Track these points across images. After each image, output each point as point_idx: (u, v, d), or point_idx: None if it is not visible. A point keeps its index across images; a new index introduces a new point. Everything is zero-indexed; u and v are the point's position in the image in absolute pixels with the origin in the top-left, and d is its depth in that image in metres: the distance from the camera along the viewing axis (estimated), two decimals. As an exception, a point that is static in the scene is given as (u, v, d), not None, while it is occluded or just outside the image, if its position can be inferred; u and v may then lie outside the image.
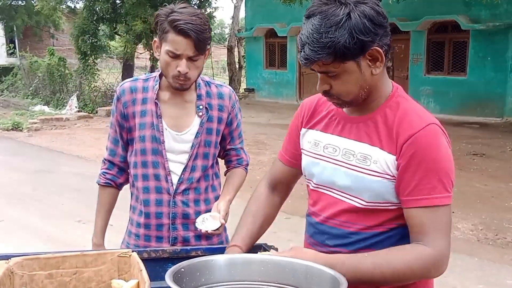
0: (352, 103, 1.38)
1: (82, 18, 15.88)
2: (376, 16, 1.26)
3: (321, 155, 1.49)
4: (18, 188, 6.94)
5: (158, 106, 1.94)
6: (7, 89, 19.66)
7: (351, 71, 1.29)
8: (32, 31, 24.87)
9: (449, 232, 1.30)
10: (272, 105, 16.53)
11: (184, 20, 1.76)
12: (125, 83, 2.02)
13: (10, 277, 1.51)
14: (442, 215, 1.28)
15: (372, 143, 1.37)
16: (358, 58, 1.27)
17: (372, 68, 1.31)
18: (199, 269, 1.22)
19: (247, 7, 18.79)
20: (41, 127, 12.47)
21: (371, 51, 1.27)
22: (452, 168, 1.30)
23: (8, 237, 5.10)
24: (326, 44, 1.23)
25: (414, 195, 1.29)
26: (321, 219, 1.50)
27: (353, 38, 1.23)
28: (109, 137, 2.08)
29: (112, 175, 2.07)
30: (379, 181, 1.35)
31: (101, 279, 1.61)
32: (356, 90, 1.33)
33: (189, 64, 1.82)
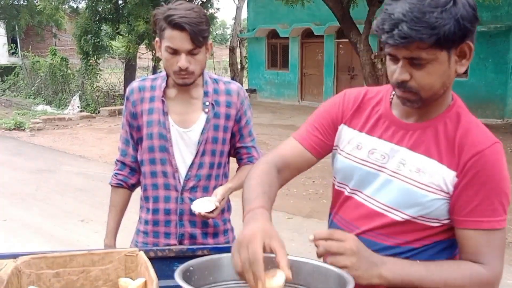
0: (426, 101, 1.24)
1: (84, 18, 15.89)
2: (475, 9, 1.15)
3: (365, 161, 1.36)
4: (20, 187, 6.96)
5: (164, 104, 1.96)
6: (9, 88, 19.69)
7: (441, 61, 1.16)
8: (34, 30, 24.88)
9: (503, 255, 1.25)
10: (273, 105, 16.55)
11: (178, 14, 1.78)
12: (134, 83, 2.05)
13: (18, 275, 1.52)
14: (499, 238, 1.23)
15: (430, 155, 1.27)
16: (452, 49, 1.16)
17: (457, 65, 1.20)
18: (207, 267, 1.23)
19: (249, 8, 18.80)
20: (44, 127, 12.49)
21: (463, 45, 1.17)
22: (511, 189, 1.23)
23: (11, 236, 5.11)
24: (431, 24, 1.10)
25: (474, 217, 1.22)
26: (353, 230, 1.38)
27: (459, 24, 1.11)
28: (121, 137, 2.09)
29: (123, 176, 2.09)
30: (431, 196, 1.25)
31: (108, 278, 1.62)
32: (439, 86, 1.21)
33: (190, 59, 1.83)
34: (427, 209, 1.27)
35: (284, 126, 12.48)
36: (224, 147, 2.02)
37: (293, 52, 17.32)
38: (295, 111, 15.21)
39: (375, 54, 12.14)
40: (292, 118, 13.97)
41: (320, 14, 15.02)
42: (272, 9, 16.70)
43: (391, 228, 1.32)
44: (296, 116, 14.30)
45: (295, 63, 17.33)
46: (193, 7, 1.83)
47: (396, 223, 1.31)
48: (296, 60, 17.27)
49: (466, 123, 1.27)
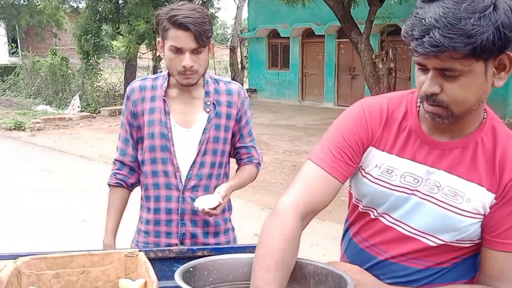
0: (457, 117, 1.13)
1: (85, 18, 15.90)
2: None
3: (397, 186, 1.25)
4: (21, 187, 6.95)
5: (166, 103, 1.96)
6: (9, 88, 19.69)
7: (476, 74, 1.05)
8: (34, 30, 24.89)
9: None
10: (274, 105, 16.55)
11: (182, 14, 1.80)
12: (135, 82, 2.05)
13: (18, 276, 1.52)
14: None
15: (469, 178, 1.18)
16: (490, 60, 1.05)
17: (495, 78, 1.08)
18: (207, 268, 1.23)
19: (249, 7, 18.80)
20: (44, 127, 12.49)
21: (503, 56, 1.05)
22: None
23: (12, 236, 5.11)
24: (467, 31, 0.98)
25: (505, 238, 1.15)
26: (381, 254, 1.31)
27: (499, 33, 0.99)
28: (120, 137, 2.09)
29: (123, 175, 2.09)
30: (469, 221, 1.18)
31: (108, 279, 1.62)
32: (473, 101, 1.09)
33: (193, 58, 1.84)
34: (464, 233, 1.19)
35: (285, 126, 12.48)
36: (225, 146, 2.03)
37: (294, 52, 17.32)
38: (296, 111, 15.21)
39: (376, 54, 12.14)
40: (293, 118, 13.98)
41: (321, 14, 15.02)
42: (273, 9, 16.70)
43: (423, 252, 1.24)
44: (296, 116, 14.30)
45: (295, 63, 17.33)
46: (196, 7, 1.85)
47: (428, 248, 1.23)
48: (297, 60, 17.27)
49: (504, 138, 1.17)
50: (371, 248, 1.32)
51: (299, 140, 10.57)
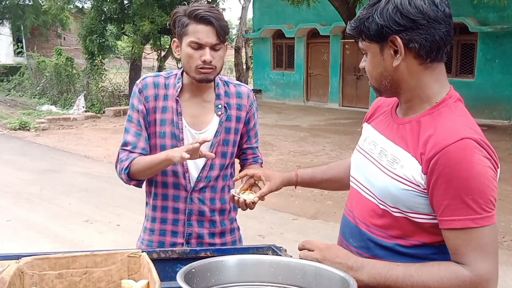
0: (380, 91, 1.37)
1: (90, 18, 15.93)
2: (408, 8, 1.23)
3: (363, 150, 1.47)
4: (25, 187, 6.97)
5: (179, 104, 1.95)
6: (14, 88, 19.77)
7: (373, 53, 1.30)
8: (39, 30, 24.98)
9: (494, 254, 1.20)
10: (279, 106, 16.53)
11: (203, 9, 1.82)
12: (147, 77, 2.01)
13: (21, 276, 1.51)
14: (481, 237, 1.18)
15: (406, 148, 1.30)
16: (381, 42, 1.28)
17: (393, 59, 1.28)
18: (209, 269, 1.22)
19: (254, 8, 18.79)
20: (49, 127, 12.52)
21: (391, 39, 1.25)
22: (491, 186, 1.19)
23: (15, 236, 5.12)
24: (356, 19, 1.32)
25: (446, 216, 1.21)
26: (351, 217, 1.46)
27: (373, 19, 1.26)
28: (129, 131, 1.97)
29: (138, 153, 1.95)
30: (402, 187, 1.28)
31: (111, 279, 1.61)
32: (378, 76, 1.33)
33: (213, 53, 1.85)
34: (400, 199, 1.28)
35: (290, 126, 12.46)
36: (234, 148, 2.04)
37: (299, 52, 17.29)
38: (300, 112, 15.19)
39: (380, 55, 12.11)
40: (298, 118, 13.95)
41: (326, 14, 15.00)
42: (278, 9, 16.69)
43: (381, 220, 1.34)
44: (301, 116, 14.28)
45: (300, 64, 17.31)
46: (213, 6, 1.89)
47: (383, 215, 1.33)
48: (302, 60, 17.25)
49: (442, 121, 1.26)
50: (346, 211, 1.49)
51: (304, 140, 10.55)
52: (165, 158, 1.82)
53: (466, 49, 13.34)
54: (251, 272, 1.24)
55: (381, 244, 1.33)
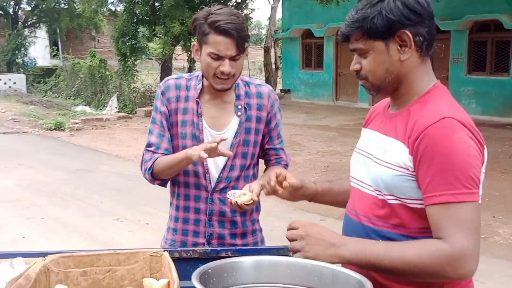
0: (380, 89, 1.39)
1: (122, 21, 16.20)
2: (413, 2, 1.29)
3: (360, 149, 1.51)
4: (59, 186, 7.15)
5: (199, 105, 1.97)
6: (50, 90, 20.28)
7: (378, 51, 1.32)
8: (74, 33, 25.59)
9: (474, 232, 1.20)
10: (308, 106, 16.47)
11: (224, 20, 1.79)
12: (169, 79, 2.05)
13: (46, 274, 1.56)
14: (461, 212, 1.20)
15: (396, 136, 1.35)
16: (387, 39, 1.31)
17: (400, 54, 1.32)
18: (226, 270, 1.23)
19: (283, 8, 18.76)
20: (83, 127, 12.80)
21: (400, 34, 1.30)
22: (473, 163, 1.22)
23: (49, 234, 5.27)
24: (357, 19, 1.31)
25: (429, 192, 1.24)
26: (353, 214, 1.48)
27: (382, 16, 1.29)
28: (152, 132, 2.03)
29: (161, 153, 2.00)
30: (394, 173, 1.32)
31: (134, 278, 1.64)
32: (383, 73, 1.34)
33: (232, 63, 1.85)
34: (392, 185, 1.32)
35: (319, 126, 12.39)
36: (255, 149, 2.04)
37: (328, 52, 17.18)
38: (330, 111, 15.09)
39: (411, 53, 11.91)
40: (327, 118, 13.86)
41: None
42: (307, 9, 16.61)
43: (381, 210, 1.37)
44: (330, 116, 14.18)
45: (330, 63, 17.19)
46: (234, 13, 1.85)
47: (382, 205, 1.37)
48: (331, 59, 17.13)
49: (428, 106, 1.31)
50: (348, 211, 1.52)
51: (333, 140, 10.47)
52: (184, 157, 1.85)
53: (501, 46, 12.99)
54: (268, 273, 1.24)
55: (383, 235, 1.35)
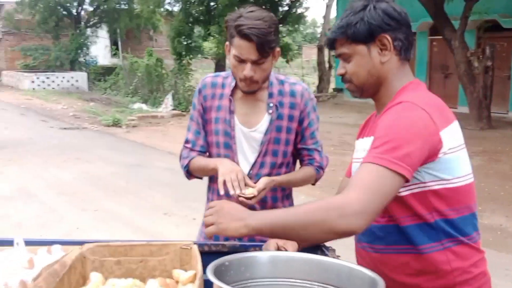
0: (363, 90, 1.50)
1: (178, 21, 16.60)
2: (392, 11, 1.43)
3: (355, 158, 1.62)
4: (113, 180, 7.43)
5: (231, 102, 2.01)
6: (110, 87, 21.06)
7: (361, 54, 1.44)
8: (133, 33, 26.43)
9: (375, 193, 1.23)
10: (360, 105, 16.16)
11: (247, 25, 1.81)
12: (207, 78, 2.12)
13: (82, 261, 1.64)
14: (368, 172, 1.26)
15: (373, 135, 1.43)
16: (369, 43, 1.43)
17: (381, 56, 1.44)
18: (244, 264, 1.26)
19: (338, 6, 18.56)
20: (138, 124, 13.21)
21: (380, 38, 1.42)
22: (410, 140, 1.27)
23: (101, 226, 5.49)
24: (341, 25, 1.45)
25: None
26: None
27: (364, 22, 1.42)
28: (190, 129, 2.12)
29: (198, 151, 2.09)
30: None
31: (165, 268, 1.70)
32: (365, 74, 1.46)
33: (255, 68, 1.87)
34: None
35: (371, 126, 12.16)
36: (287, 147, 2.04)
37: (383, 51, 16.83)
38: (384, 111, 14.75)
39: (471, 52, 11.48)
40: (380, 118, 13.58)
41: (412, 10, 14.31)
42: (362, 7, 16.35)
43: None
44: (384, 116, 13.88)
45: (384, 62, 16.84)
46: (263, 16, 1.85)
47: None
48: (386, 58, 16.78)
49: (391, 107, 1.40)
50: None
51: (385, 141, 10.25)
52: (213, 167, 1.95)
53: None
54: (286, 269, 1.26)
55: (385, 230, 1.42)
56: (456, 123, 1.42)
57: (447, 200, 1.36)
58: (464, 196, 1.39)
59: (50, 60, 24.56)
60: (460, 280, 1.37)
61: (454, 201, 1.37)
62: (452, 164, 1.35)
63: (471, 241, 1.41)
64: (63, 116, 14.67)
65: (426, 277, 1.38)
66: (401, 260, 1.40)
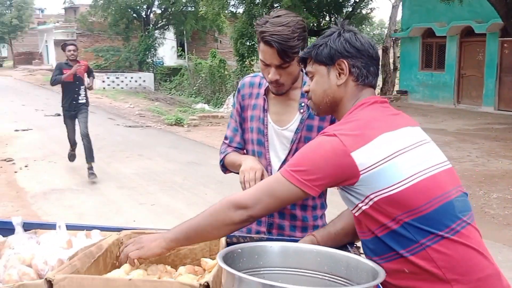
0: (320, 108, 1.64)
1: (241, 22, 16.80)
2: (353, 40, 1.56)
3: None
4: (171, 177, 7.70)
5: (266, 101, 2.09)
6: (175, 88, 21.71)
7: (321, 74, 1.59)
8: (198, 35, 27.08)
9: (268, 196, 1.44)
10: (425, 108, 15.74)
11: (269, 31, 1.86)
12: (246, 78, 2.21)
13: (119, 246, 1.75)
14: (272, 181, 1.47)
15: None
16: (329, 65, 1.57)
17: (337, 79, 1.57)
18: (257, 252, 1.31)
19: (404, 6, 18.13)
20: (199, 123, 13.57)
21: (339, 63, 1.55)
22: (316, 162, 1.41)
23: (156, 219, 5.71)
24: (311, 45, 1.62)
25: None
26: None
27: (327, 46, 1.56)
28: (229, 126, 2.24)
29: (235, 147, 2.19)
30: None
31: (195, 257, 1.78)
32: (321, 93, 1.60)
33: (280, 72, 1.93)
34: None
35: (434, 130, 11.78)
36: None
37: (450, 52, 16.25)
38: (449, 115, 14.27)
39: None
40: (445, 122, 13.15)
41: (482, 10, 13.89)
42: (429, 7, 15.89)
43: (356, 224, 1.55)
44: (449, 120, 13.43)
45: (452, 64, 16.25)
46: (287, 22, 1.88)
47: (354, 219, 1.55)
48: (454, 60, 16.19)
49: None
50: None
51: (448, 145, 9.92)
52: (239, 164, 2.04)
53: None
54: (297, 260, 1.29)
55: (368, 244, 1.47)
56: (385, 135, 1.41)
57: (402, 204, 1.34)
58: (423, 193, 1.35)
59: (120, 61, 25.65)
60: (452, 278, 1.32)
61: (411, 202, 1.34)
62: (386, 174, 1.34)
63: (451, 234, 1.35)
64: (129, 114, 15.32)
65: (421, 278, 1.35)
66: (394, 267, 1.37)
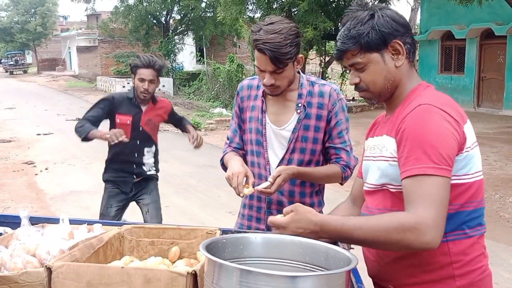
0: (380, 96, 1.55)
1: (258, 27, 16.90)
2: (398, 17, 1.49)
3: (366, 157, 1.68)
4: (185, 179, 7.81)
5: (264, 103, 2.16)
6: (193, 93, 21.88)
7: (375, 62, 1.49)
8: (217, 40, 27.27)
9: (438, 204, 1.29)
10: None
11: (262, 40, 1.92)
12: (245, 80, 2.30)
13: (120, 240, 1.83)
14: (427, 185, 1.30)
15: (389, 133, 1.51)
16: (382, 50, 1.48)
17: (395, 61, 1.50)
18: (242, 243, 1.36)
19: (422, 9, 17.99)
20: (216, 127, 13.68)
21: (393, 44, 1.48)
22: (444, 142, 1.32)
23: (169, 220, 5.76)
24: (352, 36, 1.48)
25: (403, 168, 1.36)
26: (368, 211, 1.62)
27: (375, 31, 1.47)
28: (230, 127, 2.33)
29: (234, 148, 2.28)
30: (388, 163, 1.47)
31: (192, 251, 1.85)
32: (382, 81, 1.51)
33: (275, 76, 2.00)
34: (389, 176, 1.47)
35: (452, 133, 11.67)
36: (316, 146, 2.13)
37: (470, 55, 16.07)
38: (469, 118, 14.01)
39: None
40: (464, 125, 12.97)
41: (502, 12, 13.71)
42: (448, 9, 15.73)
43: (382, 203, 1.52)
44: (468, 123, 13.24)
45: (471, 66, 16.06)
46: (280, 29, 1.93)
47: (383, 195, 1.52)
48: (473, 63, 15.99)
49: (411, 102, 1.46)
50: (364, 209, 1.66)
51: (465, 149, 9.81)
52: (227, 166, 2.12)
53: None
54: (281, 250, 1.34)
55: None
56: (469, 121, 1.45)
57: (459, 195, 1.40)
58: (481, 190, 1.44)
59: (140, 66, 25.86)
60: (459, 273, 1.39)
61: (463, 196, 1.40)
62: (471, 160, 1.40)
63: (474, 234, 1.43)
64: (148, 118, 15.47)
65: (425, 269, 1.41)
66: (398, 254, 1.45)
